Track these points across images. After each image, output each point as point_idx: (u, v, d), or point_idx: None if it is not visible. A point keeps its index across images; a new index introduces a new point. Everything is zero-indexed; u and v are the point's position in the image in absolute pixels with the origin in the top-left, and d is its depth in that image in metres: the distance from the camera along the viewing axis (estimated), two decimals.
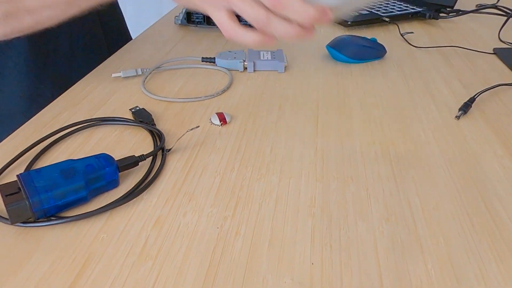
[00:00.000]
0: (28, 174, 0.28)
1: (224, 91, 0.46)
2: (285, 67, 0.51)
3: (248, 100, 0.45)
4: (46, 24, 0.41)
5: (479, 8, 0.70)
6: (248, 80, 0.49)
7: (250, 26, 0.34)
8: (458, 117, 0.41)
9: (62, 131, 0.37)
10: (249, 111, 0.42)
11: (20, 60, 0.54)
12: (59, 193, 0.28)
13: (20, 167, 0.33)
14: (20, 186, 0.27)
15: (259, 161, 0.34)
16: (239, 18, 0.35)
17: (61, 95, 0.45)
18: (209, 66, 0.52)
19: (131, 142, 0.37)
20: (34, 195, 0.27)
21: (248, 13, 0.33)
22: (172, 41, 0.61)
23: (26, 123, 0.39)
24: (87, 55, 0.60)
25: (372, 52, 0.54)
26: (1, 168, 0.32)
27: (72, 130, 0.38)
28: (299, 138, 0.38)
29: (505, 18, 0.67)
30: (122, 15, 0.72)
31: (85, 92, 0.46)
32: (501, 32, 0.64)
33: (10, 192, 0.27)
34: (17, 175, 0.28)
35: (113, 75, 0.48)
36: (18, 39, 0.47)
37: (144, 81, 0.47)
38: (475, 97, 0.43)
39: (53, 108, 0.42)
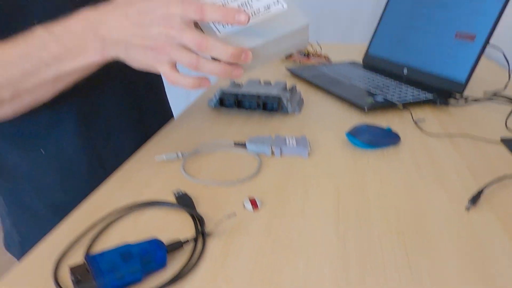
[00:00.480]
0: (94, 257, 0.33)
1: (254, 175, 0.52)
2: (308, 152, 0.57)
3: (276, 184, 0.50)
4: (41, 101, 0.50)
5: (487, 97, 0.76)
6: (276, 164, 0.55)
7: None
8: (468, 209, 0.45)
9: (114, 214, 0.43)
10: (277, 196, 0.47)
11: (66, 138, 0.62)
12: (119, 275, 0.32)
13: (78, 250, 0.38)
14: (88, 268, 0.32)
15: (288, 247, 0.39)
16: None
17: (111, 177, 0.51)
18: (240, 150, 0.58)
19: (175, 225, 0.42)
20: (100, 277, 0.31)
21: (183, 60, 0.43)
22: (207, 123, 0.68)
23: (80, 208, 0.45)
24: (124, 135, 0.68)
25: (388, 140, 0.60)
26: (63, 250, 0.37)
27: (123, 213, 0.43)
28: (323, 225, 0.42)
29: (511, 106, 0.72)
30: (165, 95, 0.81)
31: (132, 174, 0.52)
32: (508, 120, 0.69)
33: (80, 273, 0.32)
34: (85, 258, 0.33)
35: (157, 158, 0.55)
36: (68, 118, 0.56)
37: (183, 164, 0.54)
38: (483, 189, 0.47)
39: (105, 190, 0.48)
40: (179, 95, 1.03)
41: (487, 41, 0.77)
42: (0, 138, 0.61)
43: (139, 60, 0.46)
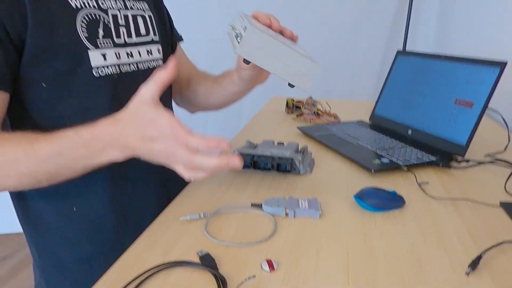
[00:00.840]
0: None
1: (270, 236, 0.56)
2: (320, 214, 0.62)
3: (290, 245, 0.55)
4: (72, 179, 0.59)
5: (487, 161, 0.82)
6: (290, 226, 0.60)
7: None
8: (467, 274, 0.49)
9: (144, 273, 0.48)
10: (291, 257, 0.52)
11: (96, 197, 0.69)
12: None
13: None
14: None
15: None
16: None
17: (140, 237, 0.57)
18: (257, 211, 0.63)
19: (200, 284, 0.46)
20: None
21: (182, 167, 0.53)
22: (225, 184, 0.74)
23: (114, 266, 0.50)
24: (148, 195, 0.75)
25: (393, 203, 0.65)
26: None
27: (154, 271, 0.48)
28: (334, 286, 0.46)
29: (511, 170, 0.77)
30: None
31: (159, 234, 0.57)
32: (507, 184, 0.74)
33: None
34: None
35: (181, 218, 0.60)
36: (100, 180, 0.64)
37: (205, 224, 0.59)
38: (482, 254, 0.51)
39: (135, 249, 0.54)
40: None
41: (484, 109, 0.83)
42: (38, 196, 0.67)
43: (155, 161, 0.55)
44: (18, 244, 2.04)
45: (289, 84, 0.66)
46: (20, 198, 0.69)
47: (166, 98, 0.82)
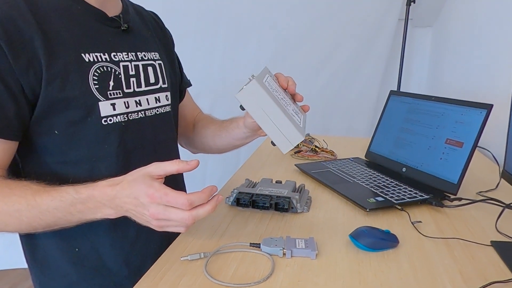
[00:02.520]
0: None
1: (268, 277, 0.58)
2: (316, 254, 0.64)
3: (287, 286, 0.56)
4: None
5: (478, 199, 0.84)
6: (287, 266, 0.62)
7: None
8: None
9: None
10: None
11: (99, 239, 0.72)
12: None
13: None
14: None
15: None
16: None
17: (141, 280, 0.58)
18: (256, 250, 0.66)
19: None
20: None
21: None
22: (225, 222, 0.76)
23: None
24: (149, 238, 0.77)
25: (387, 243, 0.67)
26: None
27: None
28: None
29: (501, 209, 0.80)
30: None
31: (160, 275, 0.59)
32: (497, 223, 0.76)
33: None
34: None
35: (182, 258, 0.62)
36: (103, 222, 0.66)
37: (206, 265, 0.61)
38: None
39: None
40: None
41: (474, 148, 0.86)
42: (45, 236, 0.70)
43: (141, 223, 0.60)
44: (13, 280, 2.03)
45: (272, 142, 0.71)
46: (28, 237, 0.71)
47: (172, 140, 0.86)
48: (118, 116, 0.69)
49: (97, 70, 0.67)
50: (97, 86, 0.66)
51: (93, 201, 0.58)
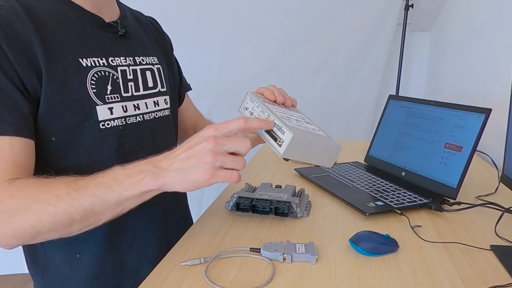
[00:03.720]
0: None
1: (268, 282, 0.58)
2: (316, 259, 0.64)
3: None
4: (102, 222, 0.59)
5: (478, 204, 0.85)
6: (287, 271, 0.62)
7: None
8: None
9: None
10: None
11: (97, 244, 0.71)
12: None
13: None
14: None
15: None
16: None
17: (142, 284, 0.58)
18: (256, 255, 0.66)
19: None
20: None
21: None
22: (225, 227, 0.76)
23: None
24: (147, 241, 0.77)
25: (387, 248, 0.67)
26: None
27: None
28: None
29: (501, 213, 0.80)
30: (186, 202, 0.92)
31: (161, 280, 0.59)
32: (497, 227, 0.76)
33: None
34: None
35: (182, 263, 0.62)
36: (101, 226, 0.63)
37: (206, 270, 0.61)
38: None
39: None
40: (193, 198, 1.10)
41: (472, 153, 0.87)
42: (46, 243, 0.70)
43: (188, 179, 0.55)
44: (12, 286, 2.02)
45: (316, 165, 0.69)
46: (31, 244, 0.71)
47: (171, 144, 0.86)
48: (116, 120, 0.69)
49: (95, 74, 0.67)
50: (94, 91, 0.66)
51: (137, 167, 0.56)
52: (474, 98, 1.53)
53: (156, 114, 0.78)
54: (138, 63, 0.76)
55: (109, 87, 0.68)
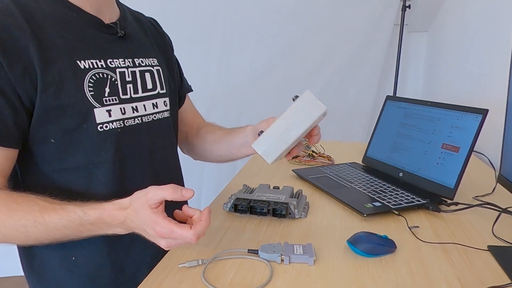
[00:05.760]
0: None
1: (266, 284, 0.58)
2: (314, 260, 0.64)
3: None
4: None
5: (475, 204, 0.85)
6: (285, 272, 0.62)
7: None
8: None
9: None
10: None
11: (94, 247, 0.71)
12: None
13: None
14: None
15: None
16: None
17: (139, 286, 0.58)
18: (253, 256, 0.65)
19: None
20: None
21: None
22: (223, 228, 0.76)
23: None
24: (145, 245, 0.77)
25: (384, 248, 0.67)
26: None
27: None
28: None
29: (498, 213, 0.80)
30: (186, 204, 0.91)
31: (158, 283, 0.59)
32: (494, 227, 0.77)
33: None
34: None
35: (180, 265, 0.62)
36: (100, 237, 0.65)
37: (204, 271, 0.61)
38: None
39: None
40: (191, 200, 1.10)
41: (470, 153, 0.87)
42: (41, 246, 0.69)
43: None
44: None
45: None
46: (26, 247, 0.71)
47: (170, 146, 0.85)
48: (114, 123, 0.69)
49: (93, 76, 0.67)
50: (92, 93, 0.66)
51: (103, 223, 0.60)
52: (471, 99, 1.53)
53: (155, 116, 0.78)
54: (137, 64, 0.75)
55: (107, 90, 0.68)
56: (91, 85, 0.66)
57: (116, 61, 0.71)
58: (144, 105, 0.75)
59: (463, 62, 1.67)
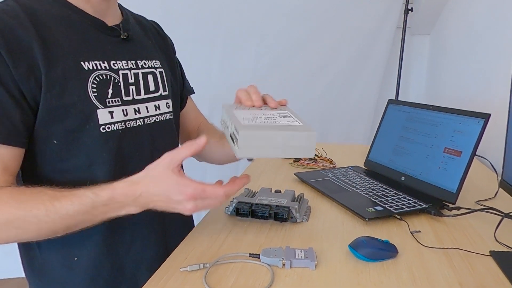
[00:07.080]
0: None
1: None
2: (315, 265, 0.64)
3: None
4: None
5: (477, 209, 0.85)
6: (287, 276, 0.62)
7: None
8: None
9: None
10: None
11: (95, 247, 0.72)
12: None
13: None
14: None
15: None
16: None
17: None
18: (255, 261, 0.66)
19: None
20: None
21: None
22: (224, 232, 0.76)
23: None
24: (145, 244, 0.77)
25: (386, 253, 0.67)
26: None
27: None
28: None
29: (500, 217, 0.80)
30: None
31: (160, 286, 0.59)
32: (496, 232, 0.76)
33: None
34: None
35: (182, 269, 0.62)
36: (99, 229, 0.66)
37: (205, 276, 0.61)
38: None
39: None
40: None
41: (472, 158, 0.87)
42: (44, 246, 0.70)
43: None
44: None
45: (295, 159, 0.68)
46: (27, 248, 0.71)
47: (172, 147, 0.85)
48: (116, 124, 0.69)
49: (96, 78, 0.67)
50: (95, 94, 0.66)
51: (115, 202, 0.60)
52: (473, 103, 1.53)
53: (157, 118, 0.78)
54: (140, 66, 0.76)
55: (110, 91, 0.69)
56: (95, 86, 0.67)
57: (119, 63, 0.72)
58: (146, 107, 0.75)
59: (466, 65, 1.67)
